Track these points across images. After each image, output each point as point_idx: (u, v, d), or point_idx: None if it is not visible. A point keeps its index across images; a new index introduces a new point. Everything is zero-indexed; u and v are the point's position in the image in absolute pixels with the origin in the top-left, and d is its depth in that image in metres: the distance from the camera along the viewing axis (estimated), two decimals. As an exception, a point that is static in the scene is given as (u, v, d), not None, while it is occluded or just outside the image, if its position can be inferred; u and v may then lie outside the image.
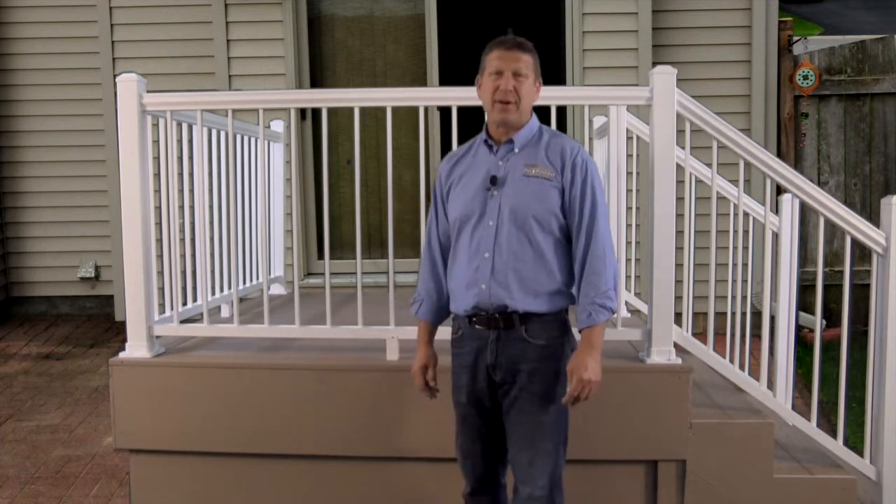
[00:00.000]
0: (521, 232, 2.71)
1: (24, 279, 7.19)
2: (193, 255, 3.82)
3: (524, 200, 2.71)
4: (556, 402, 2.74)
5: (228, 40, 6.40)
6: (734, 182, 3.74)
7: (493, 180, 2.74)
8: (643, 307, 4.35)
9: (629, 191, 4.16)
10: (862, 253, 5.59)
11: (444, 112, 6.01)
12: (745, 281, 3.86)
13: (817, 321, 3.59)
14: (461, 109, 3.56)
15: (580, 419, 3.40)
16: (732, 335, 3.82)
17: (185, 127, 3.82)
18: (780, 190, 3.97)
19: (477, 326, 2.77)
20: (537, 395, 2.72)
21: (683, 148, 3.77)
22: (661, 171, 3.43)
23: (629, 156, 4.16)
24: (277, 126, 4.95)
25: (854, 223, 3.57)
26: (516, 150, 2.78)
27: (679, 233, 3.52)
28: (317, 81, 6.55)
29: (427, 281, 2.94)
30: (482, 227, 2.74)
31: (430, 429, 3.38)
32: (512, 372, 2.74)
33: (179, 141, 3.79)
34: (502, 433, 2.82)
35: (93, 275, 7.08)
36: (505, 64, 2.71)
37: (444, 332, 2.97)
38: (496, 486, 2.91)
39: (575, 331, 2.83)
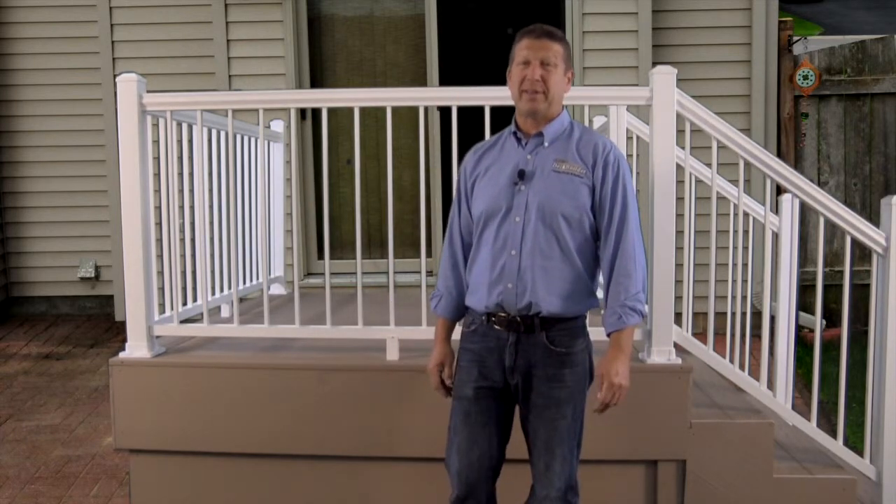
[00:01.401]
0: (549, 229, 2.64)
1: (24, 279, 7.19)
2: (193, 255, 3.82)
3: (553, 196, 2.65)
4: (574, 408, 2.70)
5: (228, 40, 6.40)
6: (734, 182, 3.74)
7: (522, 175, 2.67)
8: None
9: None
10: (862, 253, 5.59)
11: (444, 112, 6.02)
12: (745, 281, 3.86)
13: (817, 321, 3.59)
14: (461, 109, 3.56)
15: (580, 419, 3.40)
16: (732, 335, 3.82)
17: (185, 127, 3.81)
18: (780, 190, 3.97)
19: (496, 326, 2.72)
20: (556, 400, 2.67)
21: (683, 148, 3.77)
22: (661, 170, 3.42)
23: (629, 156, 4.16)
24: (277, 126, 4.95)
25: (854, 223, 3.57)
26: (546, 144, 2.71)
27: (679, 233, 3.52)
28: (317, 81, 6.55)
29: (448, 277, 2.87)
30: (508, 222, 2.67)
31: (430, 429, 3.37)
32: (530, 376, 2.69)
33: (179, 141, 3.79)
34: (503, 435, 2.80)
35: (93, 275, 7.08)
36: (533, 53, 2.65)
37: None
38: (486, 493, 2.80)
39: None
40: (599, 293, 2.81)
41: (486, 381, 2.73)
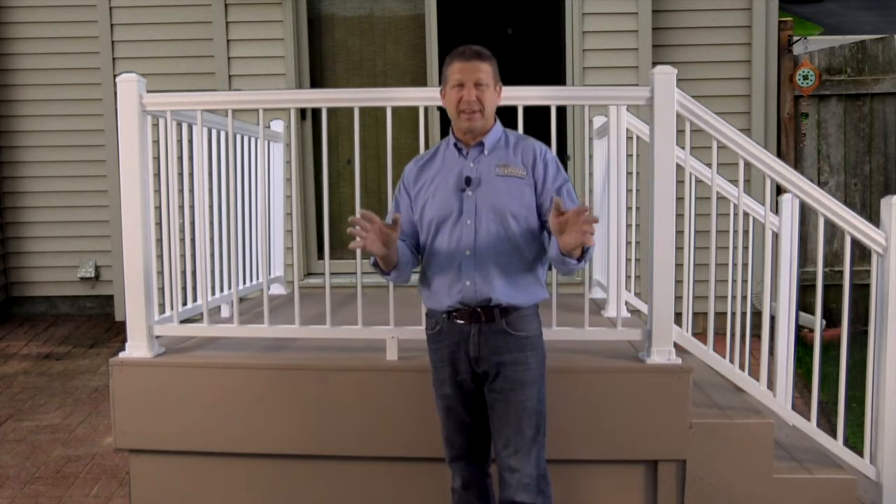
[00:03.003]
0: (501, 227, 2.82)
1: (24, 279, 7.19)
2: (193, 255, 3.82)
3: (500, 198, 2.83)
4: (538, 391, 2.85)
5: (228, 40, 6.40)
6: (734, 182, 3.74)
7: (468, 181, 2.85)
8: (643, 307, 4.35)
9: (629, 191, 4.16)
10: (862, 253, 5.59)
11: (444, 112, 6.01)
12: (745, 281, 3.86)
13: (817, 321, 3.59)
14: (461, 109, 3.55)
15: (581, 419, 3.40)
16: (732, 335, 3.82)
17: (185, 127, 3.81)
18: (780, 190, 3.97)
19: (458, 321, 2.84)
20: (519, 383, 2.82)
21: (683, 148, 3.77)
22: (661, 171, 3.43)
23: (629, 156, 4.16)
24: (277, 126, 4.95)
25: (854, 223, 3.57)
26: (486, 153, 2.89)
27: (679, 233, 3.52)
28: (317, 81, 6.55)
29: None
30: (461, 225, 2.84)
31: (430, 429, 3.37)
32: (495, 364, 2.83)
33: (179, 141, 3.79)
34: (486, 424, 2.90)
35: (93, 275, 7.08)
36: (466, 75, 2.82)
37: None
38: (482, 477, 2.97)
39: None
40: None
41: (459, 376, 2.88)
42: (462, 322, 2.84)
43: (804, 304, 5.77)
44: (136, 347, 3.61)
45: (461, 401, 2.89)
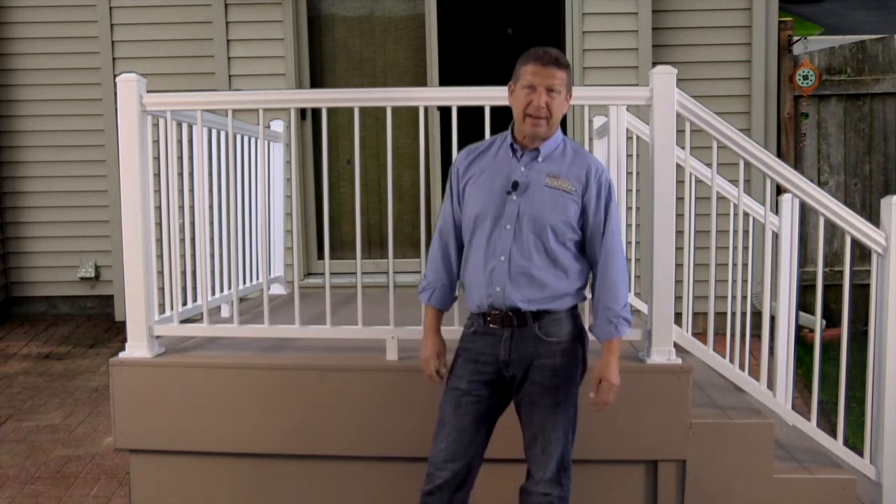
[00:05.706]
0: (539, 239, 2.80)
1: (24, 279, 7.19)
2: (193, 255, 3.82)
3: (543, 209, 2.80)
4: (568, 394, 2.84)
5: (228, 40, 6.40)
6: (734, 182, 3.74)
7: (515, 185, 2.81)
8: (643, 307, 4.34)
9: (629, 191, 4.16)
10: (862, 253, 5.59)
11: (444, 112, 6.01)
12: (745, 281, 3.86)
13: (817, 321, 3.59)
14: (461, 109, 3.56)
15: (581, 419, 3.40)
16: (732, 335, 3.82)
17: (185, 127, 3.81)
18: (780, 190, 3.97)
19: (492, 325, 2.85)
20: (550, 388, 2.82)
21: (683, 148, 3.77)
22: (661, 171, 3.43)
23: (629, 156, 4.16)
24: (277, 126, 4.95)
25: (854, 223, 3.57)
26: (540, 160, 2.85)
27: (679, 233, 3.52)
28: (317, 81, 6.55)
29: (439, 270, 2.99)
30: (499, 229, 2.82)
31: (429, 429, 3.36)
32: (525, 367, 2.83)
33: (179, 141, 3.79)
34: (488, 432, 2.90)
35: (93, 275, 7.08)
36: (539, 80, 2.77)
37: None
38: (463, 488, 2.86)
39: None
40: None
41: (480, 376, 2.87)
42: (496, 326, 2.84)
43: (804, 304, 5.77)
44: (136, 347, 3.61)
45: (474, 399, 2.85)
